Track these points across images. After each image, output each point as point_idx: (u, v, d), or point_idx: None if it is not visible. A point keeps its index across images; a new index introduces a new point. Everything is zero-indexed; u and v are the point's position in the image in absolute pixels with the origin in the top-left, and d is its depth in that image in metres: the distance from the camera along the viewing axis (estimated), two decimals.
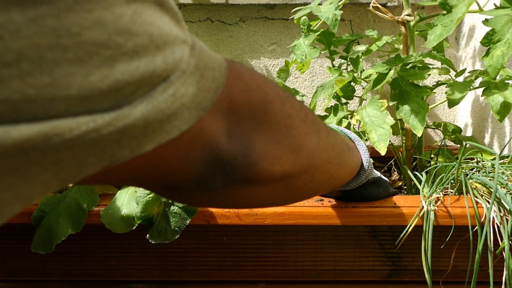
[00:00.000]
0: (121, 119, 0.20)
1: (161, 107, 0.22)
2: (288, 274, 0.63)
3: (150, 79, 0.21)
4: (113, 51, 0.19)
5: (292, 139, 0.33)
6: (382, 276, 0.63)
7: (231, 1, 1.16)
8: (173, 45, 0.22)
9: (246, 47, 1.22)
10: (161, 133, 0.22)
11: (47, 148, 0.18)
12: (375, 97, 0.69)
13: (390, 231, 0.61)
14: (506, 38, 0.58)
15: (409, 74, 0.69)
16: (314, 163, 0.37)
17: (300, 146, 0.34)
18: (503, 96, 0.66)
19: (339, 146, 0.43)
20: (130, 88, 0.20)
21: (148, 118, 0.21)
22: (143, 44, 0.20)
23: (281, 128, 0.32)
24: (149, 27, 0.21)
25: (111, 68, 0.19)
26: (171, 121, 0.23)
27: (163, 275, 0.64)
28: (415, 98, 0.67)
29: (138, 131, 0.21)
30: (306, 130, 0.35)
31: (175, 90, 0.22)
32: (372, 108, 0.67)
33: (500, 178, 0.55)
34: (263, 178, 0.32)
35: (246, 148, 0.30)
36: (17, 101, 0.17)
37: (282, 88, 0.35)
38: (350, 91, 0.79)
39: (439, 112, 1.19)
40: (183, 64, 0.23)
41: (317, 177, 0.39)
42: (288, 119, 0.33)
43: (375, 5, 0.74)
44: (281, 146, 0.32)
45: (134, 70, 0.20)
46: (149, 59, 0.21)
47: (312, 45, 0.76)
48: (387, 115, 0.66)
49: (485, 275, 0.54)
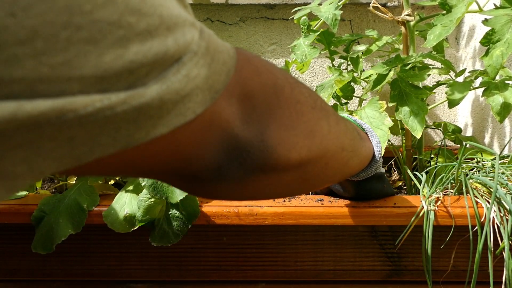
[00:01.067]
0: (136, 98, 0.20)
1: (175, 88, 0.21)
2: (288, 274, 0.63)
3: (163, 60, 0.21)
4: (126, 30, 0.19)
5: (304, 125, 0.33)
6: (382, 276, 0.63)
7: (231, 1, 1.16)
8: (183, 27, 0.22)
9: (246, 47, 1.22)
10: (177, 115, 0.22)
11: (61, 123, 0.18)
12: (374, 98, 0.69)
13: (390, 231, 0.61)
14: (505, 38, 0.58)
15: (409, 75, 0.69)
16: (329, 149, 0.37)
17: (312, 132, 0.34)
18: (503, 97, 0.66)
19: (351, 133, 0.42)
20: (144, 69, 0.20)
21: (163, 98, 0.21)
22: (154, 24, 0.20)
23: (293, 113, 0.32)
24: (159, 8, 0.21)
25: (125, 49, 0.19)
26: (185, 102, 0.22)
27: (163, 275, 0.64)
28: (415, 99, 0.67)
29: (153, 111, 0.21)
30: (316, 116, 0.35)
31: (188, 71, 0.22)
32: (371, 109, 0.67)
33: (500, 178, 0.55)
34: (280, 165, 0.31)
35: (262, 134, 0.29)
36: (32, 80, 0.17)
37: (290, 74, 0.35)
38: (350, 91, 0.79)
39: (439, 112, 1.19)
40: (194, 46, 0.23)
41: (332, 164, 0.39)
42: (298, 104, 0.33)
43: (375, 5, 0.74)
44: (295, 131, 0.32)
45: (147, 50, 0.20)
46: (161, 39, 0.21)
47: (312, 45, 0.76)
48: (385, 116, 0.66)
49: (485, 275, 0.54)
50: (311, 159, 0.34)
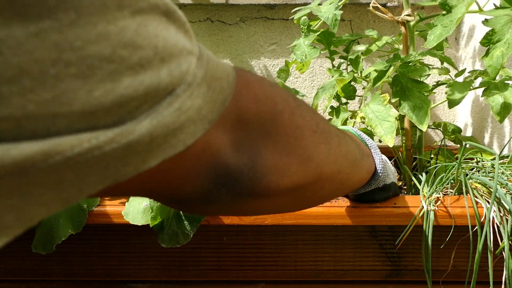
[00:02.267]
0: (125, 135, 0.19)
1: (167, 122, 0.21)
2: (288, 274, 0.63)
3: (155, 93, 0.20)
4: (118, 65, 0.19)
5: (302, 150, 0.33)
6: (382, 276, 0.63)
7: (231, 1, 1.16)
8: (179, 57, 0.22)
9: (246, 47, 1.22)
10: (166, 148, 0.22)
11: (48, 167, 0.17)
12: (377, 93, 0.69)
13: (390, 231, 0.61)
14: (506, 38, 0.58)
15: (409, 70, 0.69)
16: (324, 173, 0.36)
17: (309, 157, 0.33)
18: (503, 97, 0.66)
19: (351, 154, 0.42)
20: (134, 103, 0.20)
21: (153, 134, 0.20)
22: (148, 57, 0.20)
23: (290, 139, 0.32)
24: (154, 40, 0.20)
25: (116, 83, 0.19)
26: (176, 135, 0.22)
27: (163, 275, 0.64)
28: (417, 93, 0.67)
29: (143, 147, 0.20)
30: (316, 140, 0.34)
31: (181, 104, 0.22)
32: (375, 103, 0.67)
33: (500, 178, 0.55)
34: (270, 191, 0.31)
35: (253, 161, 0.29)
36: (18, 118, 0.16)
37: (294, 96, 0.34)
38: (351, 91, 0.79)
39: (439, 112, 1.19)
40: (189, 76, 0.22)
41: (327, 186, 0.38)
42: (297, 129, 0.32)
43: (375, 5, 0.74)
44: (290, 158, 0.32)
45: (139, 84, 0.19)
46: (154, 72, 0.20)
47: (312, 45, 0.76)
48: (390, 108, 0.66)
49: (485, 275, 0.54)
50: (305, 183, 0.34)
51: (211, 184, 0.28)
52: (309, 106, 0.35)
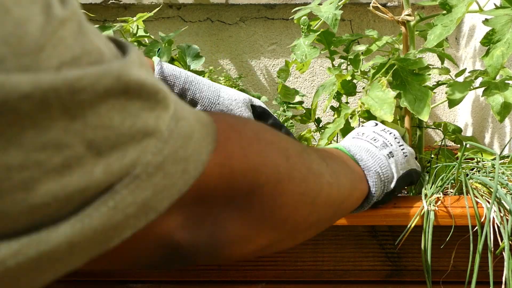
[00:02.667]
0: (34, 246, 0.16)
1: (94, 225, 0.18)
2: (288, 274, 0.63)
3: (84, 193, 0.17)
4: (32, 171, 0.16)
5: (278, 216, 0.29)
6: (382, 276, 0.63)
7: (231, 1, 1.16)
8: (127, 145, 0.19)
9: (246, 47, 1.22)
10: (92, 250, 0.19)
11: None
12: (375, 82, 0.69)
13: (390, 231, 0.61)
14: (506, 38, 0.58)
15: (409, 63, 0.69)
16: (300, 230, 0.33)
17: (285, 221, 0.30)
18: (503, 97, 0.65)
19: (341, 197, 0.39)
20: (54, 207, 0.17)
21: (73, 241, 0.18)
22: (77, 154, 0.17)
23: (266, 210, 0.28)
24: (91, 131, 0.17)
25: (28, 192, 0.16)
26: (108, 235, 0.19)
27: (163, 275, 0.64)
28: (417, 86, 0.66)
29: (60, 254, 0.18)
30: (301, 203, 0.31)
31: (118, 202, 0.19)
32: (374, 91, 0.67)
33: (500, 178, 0.55)
34: (232, 258, 0.29)
35: (212, 237, 0.26)
36: None
37: (293, 150, 0.30)
38: (351, 87, 0.79)
39: (439, 112, 1.19)
40: (137, 168, 0.19)
41: (302, 238, 0.36)
42: (280, 197, 0.29)
43: (375, 5, 0.74)
44: (261, 226, 0.29)
45: (61, 188, 0.17)
46: (84, 170, 0.17)
47: (312, 45, 0.76)
48: (389, 92, 0.66)
49: (485, 275, 0.54)
50: (274, 242, 0.31)
51: (164, 259, 0.25)
52: (308, 156, 0.32)
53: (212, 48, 1.22)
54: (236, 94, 0.65)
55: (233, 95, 0.65)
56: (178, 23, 1.20)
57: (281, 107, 0.95)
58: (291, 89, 0.93)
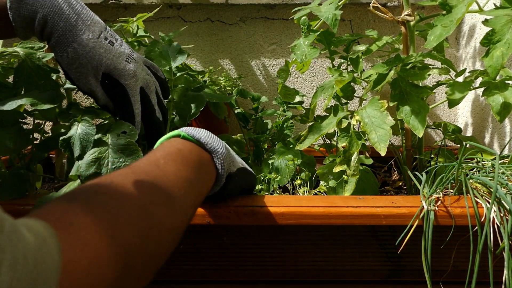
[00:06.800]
0: None
1: None
2: (288, 274, 0.63)
3: None
4: None
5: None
6: (382, 276, 0.63)
7: (231, 1, 1.16)
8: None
9: (246, 47, 1.22)
10: None
11: None
12: (375, 98, 0.69)
13: (390, 231, 0.61)
14: (506, 38, 0.58)
15: (409, 74, 0.69)
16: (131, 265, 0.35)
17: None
18: (503, 97, 0.66)
19: (186, 221, 0.44)
20: None
21: None
22: None
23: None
24: None
25: None
26: None
27: (163, 275, 0.64)
28: (416, 98, 0.67)
29: None
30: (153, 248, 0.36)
31: None
32: (372, 108, 0.67)
33: (500, 178, 0.55)
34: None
35: None
36: None
37: (130, 227, 0.33)
38: (350, 91, 0.79)
39: (439, 112, 1.19)
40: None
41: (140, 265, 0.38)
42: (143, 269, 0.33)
43: (375, 5, 0.74)
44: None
45: None
46: None
47: (312, 45, 0.76)
48: (387, 115, 0.65)
49: (485, 275, 0.54)
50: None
51: None
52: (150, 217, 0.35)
53: (212, 48, 1.22)
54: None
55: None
56: (178, 23, 1.20)
57: (281, 107, 0.95)
58: (291, 89, 0.93)
